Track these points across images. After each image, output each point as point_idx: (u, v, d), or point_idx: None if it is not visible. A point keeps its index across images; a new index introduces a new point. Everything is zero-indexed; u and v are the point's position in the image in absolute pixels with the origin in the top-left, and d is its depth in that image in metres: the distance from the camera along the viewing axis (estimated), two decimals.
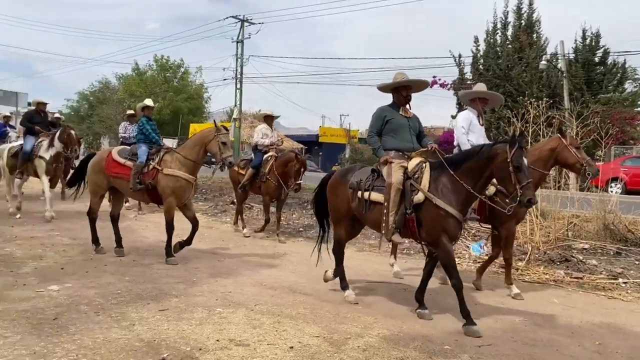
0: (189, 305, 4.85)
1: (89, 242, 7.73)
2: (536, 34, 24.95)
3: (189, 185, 6.79)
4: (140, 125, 7.34)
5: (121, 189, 7.13)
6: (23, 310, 4.47)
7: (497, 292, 6.06)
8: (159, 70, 41.68)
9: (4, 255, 6.61)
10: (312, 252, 5.83)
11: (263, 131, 9.36)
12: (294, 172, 8.66)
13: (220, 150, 6.66)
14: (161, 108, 38.25)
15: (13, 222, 9.40)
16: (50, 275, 5.77)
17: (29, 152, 9.82)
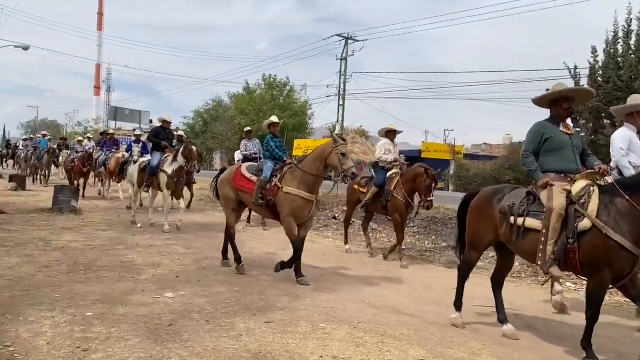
0: (293, 319, 4.92)
1: (202, 251, 8.18)
2: None
3: (307, 204, 6.58)
4: (265, 142, 7.41)
5: (246, 203, 7.23)
6: (142, 315, 4.78)
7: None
8: (266, 89, 43.41)
9: (126, 262, 7.14)
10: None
11: (385, 147, 8.88)
12: (424, 188, 8.11)
13: (341, 162, 6.39)
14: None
15: (135, 230, 10.17)
16: (166, 282, 6.13)
17: (155, 166, 10.40)
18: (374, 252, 9.12)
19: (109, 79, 77.62)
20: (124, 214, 12.69)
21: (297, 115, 42.51)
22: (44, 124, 74.42)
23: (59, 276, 6.12)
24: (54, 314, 4.68)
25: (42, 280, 5.87)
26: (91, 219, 11.32)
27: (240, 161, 14.44)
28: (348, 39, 33.31)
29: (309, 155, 6.89)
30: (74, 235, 9.13)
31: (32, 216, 11.24)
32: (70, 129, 58.62)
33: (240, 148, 12.94)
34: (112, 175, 15.50)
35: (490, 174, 29.72)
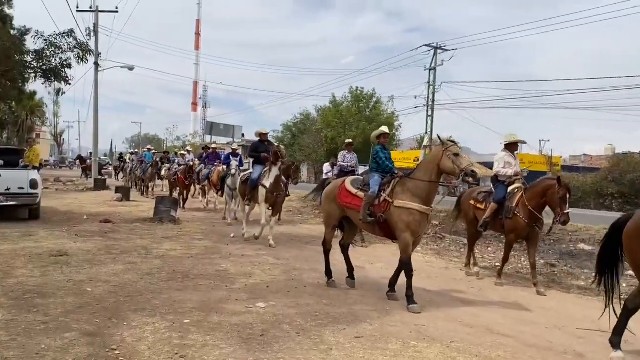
0: (383, 335, 4.84)
1: (291, 262, 8.31)
2: None
3: (423, 218, 6.10)
4: (374, 153, 6.87)
5: (353, 220, 6.79)
6: (235, 324, 4.91)
7: None
8: (353, 101, 43.66)
9: (220, 271, 7.40)
10: (602, 315, 4.82)
11: (505, 159, 8.08)
12: (558, 201, 7.19)
13: (456, 163, 5.88)
14: (354, 137, 39.90)
15: (228, 240, 10.54)
16: (257, 292, 6.28)
17: (255, 180, 10.40)
18: (479, 273, 8.29)
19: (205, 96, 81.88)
20: (219, 224, 13.23)
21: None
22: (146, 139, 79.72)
23: (159, 283, 6.46)
24: (154, 319, 4.93)
25: (144, 287, 6.21)
26: (188, 229, 11.88)
27: (329, 173, 14.59)
28: (437, 49, 32.77)
29: (418, 167, 6.43)
30: (173, 244, 9.61)
31: (135, 225, 12.00)
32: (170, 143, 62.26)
33: (338, 159, 12.90)
34: (215, 187, 15.85)
35: (591, 187, 27.80)
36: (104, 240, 9.52)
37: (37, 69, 13.77)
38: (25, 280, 6.27)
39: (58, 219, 12.76)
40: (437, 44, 32.91)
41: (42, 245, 8.65)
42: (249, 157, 11.64)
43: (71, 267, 7.07)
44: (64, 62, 13.88)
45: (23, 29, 17.02)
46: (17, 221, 11.79)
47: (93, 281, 6.35)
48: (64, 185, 27.15)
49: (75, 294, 5.73)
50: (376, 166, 6.76)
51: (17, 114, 49.69)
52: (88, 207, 15.73)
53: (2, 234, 9.64)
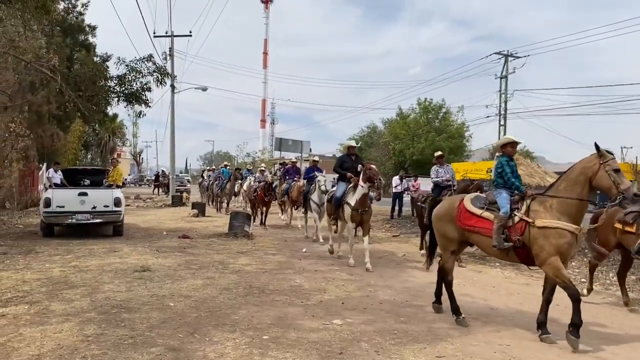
0: (466, 355, 4.68)
1: (365, 278, 8.23)
2: None
3: (574, 238, 5.19)
4: (498, 166, 5.95)
5: (481, 246, 5.97)
6: (313, 342, 4.90)
7: None
8: (421, 113, 43.10)
9: (295, 287, 7.45)
10: None
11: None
12: None
13: (615, 182, 4.96)
14: (423, 148, 39.35)
15: (301, 255, 10.60)
16: (332, 308, 6.25)
17: (340, 198, 9.77)
18: (630, 304, 7.00)
19: (273, 112, 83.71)
20: (290, 239, 13.36)
21: (453, 137, 41.49)
22: (219, 156, 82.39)
23: (237, 298, 6.58)
24: (234, 335, 5.02)
25: (223, 302, 6.35)
26: (261, 244, 12.08)
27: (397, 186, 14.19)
28: (508, 56, 31.82)
29: (560, 179, 5.46)
30: (248, 259, 9.80)
31: (212, 240, 12.36)
32: (240, 159, 63.99)
33: (430, 174, 11.60)
34: (295, 203, 15.46)
35: None
36: (183, 256, 9.85)
37: (120, 93, 14.58)
38: (113, 295, 6.58)
39: (140, 235, 13.38)
40: (507, 51, 31.98)
41: (127, 261, 9.07)
42: (334, 171, 10.71)
43: (154, 282, 7.36)
44: (144, 86, 14.59)
45: (105, 56, 18.16)
46: (102, 237, 12.48)
47: (175, 296, 6.57)
48: (144, 202, 28.50)
49: (159, 308, 5.95)
50: (502, 182, 5.85)
51: (100, 136, 52.90)
52: (167, 223, 16.40)
53: (90, 250, 10.21)
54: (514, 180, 5.78)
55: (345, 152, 10.76)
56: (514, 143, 6.03)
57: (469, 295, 7.26)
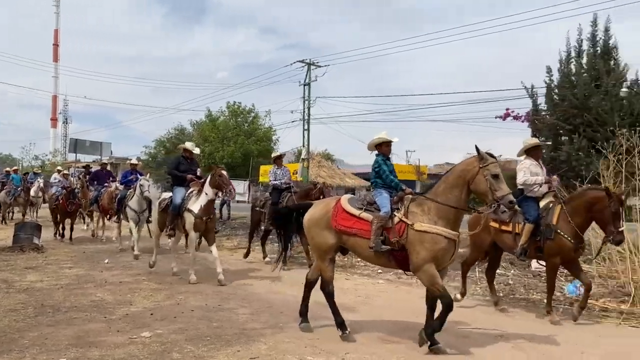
0: (279, 353, 4.78)
1: (174, 287, 7.91)
2: (614, 61, 23.84)
3: (451, 245, 4.97)
4: (375, 166, 5.64)
5: (357, 250, 5.46)
6: (119, 358, 4.55)
7: None
8: (230, 116, 43.30)
9: (96, 301, 6.84)
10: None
11: (532, 169, 6.67)
12: (609, 216, 5.98)
13: (492, 187, 4.75)
14: (232, 152, 39.56)
15: (102, 266, 9.78)
16: (140, 320, 5.88)
17: (179, 205, 8.63)
18: (499, 304, 6.96)
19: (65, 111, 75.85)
20: (90, 250, 12.22)
21: (261, 141, 42.53)
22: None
23: (26, 320, 5.80)
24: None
25: (8, 325, 5.54)
26: (55, 257, 10.86)
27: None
28: (310, 65, 33.58)
29: (440, 181, 5.20)
30: (39, 274, 8.72)
31: None
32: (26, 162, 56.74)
33: (269, 177, 11.14)
34: (106, 213, 13.36)
35: None
36: None
37: None
38: None
39: None
40: (310, 60, 33.73)
41: None
42: (168, 174, 9.68)
43: None
44: None
45: None
46: None
47: None
48: None
49: None
50: (380, 181, 5.54)
51: None
52: None
53: None
54: (392, 178, 5.48)
55: (181, 153, 9.48)
56: (388, 142, 5.72)
57: (280, 293, 7.48)
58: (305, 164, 31.48)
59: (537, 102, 25.20)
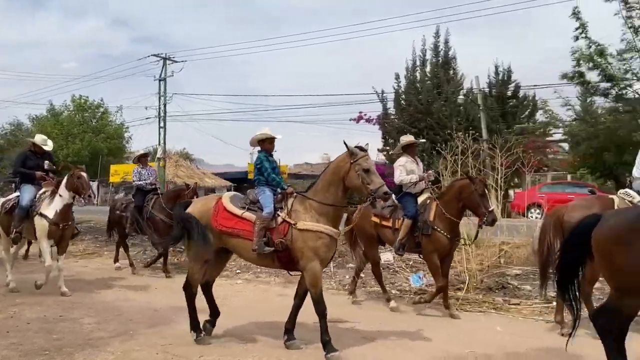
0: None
1: (7, 298, 7.11)
2: (453, 70, 26.33)
3: (333, 243, 5.01)
4: (257, 163, 5.45)
5: (239, 251, 5.27)
6: None
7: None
8: (76, 111, 40.06)
9: None
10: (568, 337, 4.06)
11: (407, 167, 6.84)
12: (477, 199, 6.30)
13: (365, 181, 4.76)
14: (79, 149, 36.68)
15: None
16: None
17: (27, 207, 7.53)
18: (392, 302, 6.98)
19: None
20: None
21: (112, 138, 40.02)
22: None
23: None
24: None
25: None
26: None
27: None
28: (166, 59, 32.27)
29: (319, 178, 5.16)
30: None
31: None
32: None
33: (132, 177, 10.27)
34: None
35: None
36: None
37: None
38: None
39: None
40: (166, 54, 32.42)
41: None
42: (15, 172, 8.48)
43: None
44: None
45: None
46: None
47: None
48: None
49: None
50: (263, 179, 5.33)
51: None
52: None
53: None
54: (274, 176, 5.33)
55: (30, 149, 8.21)
56: (271, 139, 5.53)
57: (131, 300, 7.08)
58: (162, 163, 30.18)
59: (387, 106, 26.94)
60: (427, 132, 23.01)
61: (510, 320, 6.30)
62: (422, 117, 24.23)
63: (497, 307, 6.80)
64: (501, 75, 26.31)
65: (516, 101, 26.12)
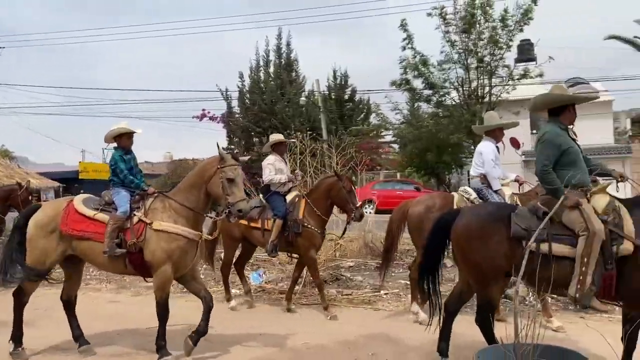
0: None
1: None
2: (295, 72, 27.13)
3: (191, 245, 4.70)
4: (112, 162, 5.10)
5: (90, 256, 4.82)
6: None
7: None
8: None
9: None
10: (431, 320, 4.40)
11: (276, 165, 6.83)
12: (345, 197, 6.43)
13: (226, 192, 4.54)
14: None
15: None
16: None
17: None
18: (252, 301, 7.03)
19: None
20: None
21: None
22: None
23: None
24: None
25: None
26: None
27: None
28: None
29: (185, 177, 4.94)
30: None
31: None
32: None
33: None
34: None
35: None
36: None
37: None
38: None
39: None
40: None
41: None
42: None
43: None
44: None
45: None
46: None
47: None
48: None
49: None
50: (117, 179, 4.99)
51: None
52: None
53: None
54: (132, 177, 4.97)
55: None
56: (129, 134, 5.14)
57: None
58: None
59: (231, 105, 26.85)
60: (271, 132, 23.37)
61: (342, 310, 6.66)
62: (267, 117, 24.59)
63: (331, 298, 7.17)
64: (339, 79, 27.80)
65: (353, 104, 27.82)
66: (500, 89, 19.48)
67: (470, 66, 19.32)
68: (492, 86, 19.52)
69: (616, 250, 3.62)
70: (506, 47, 18.79)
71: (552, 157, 3.93)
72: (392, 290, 7.49)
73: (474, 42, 18.89)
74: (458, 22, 18.90)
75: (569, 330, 5.40)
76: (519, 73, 19.41)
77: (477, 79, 19.54)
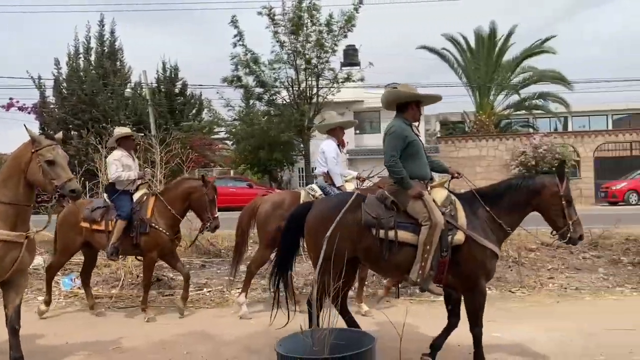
0: None
1: None
2: (120, 62, 25.50)
3: (10, 249, 3.98)
4: None
5: None
6: None
7: None
8: None
9: None
10: (274, 312, 4.31)
11: (123, 161, 6.22)
12: (207, 204, 6.12)
13: (49, 176, 3.95)
14: None
15: None
16: None
17: None
18: (96, 307, 6.47)
19: None
20: None
21: None
22: None
23: None
24: None
25: None
26: None
27: None
28: None
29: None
30: None
31: None
32: None
33: None
34: None
35: None
36: None
37: None
38: None
39: None
40: None
41: None
42: None
43: None
44: None
45: None
46: None
47: None
48: None
49: None
50: None
51: None
52: None
53: None
54: None
55: None
56: None
57: None
58: None
59: (45, 94, 24.38)
60: (93, 125, 21.75)
61: (161, 310, 6.46)
62: (87, 108, 22.80)
63: (152, 299, 6.89)
64: (169, 72, 26.81)
65: (184, 99, 27.02)
66: (327, 91, 20.53)
67: (299, 67, 20.06)
68: (320, 88, 20.51)
69: (451, 240, 3.98)
70: (332, 51, 19.88)
71: (399, 148, 4.18)
72: (215, 287, 7.45)
73: (302, 44, 19.65)
74: (287, 23, 19.48)
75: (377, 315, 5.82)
76: (344, 76, 20.66)
77: (306, 80, 20.36)
